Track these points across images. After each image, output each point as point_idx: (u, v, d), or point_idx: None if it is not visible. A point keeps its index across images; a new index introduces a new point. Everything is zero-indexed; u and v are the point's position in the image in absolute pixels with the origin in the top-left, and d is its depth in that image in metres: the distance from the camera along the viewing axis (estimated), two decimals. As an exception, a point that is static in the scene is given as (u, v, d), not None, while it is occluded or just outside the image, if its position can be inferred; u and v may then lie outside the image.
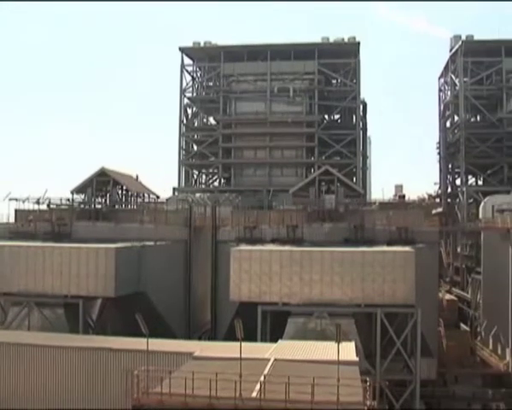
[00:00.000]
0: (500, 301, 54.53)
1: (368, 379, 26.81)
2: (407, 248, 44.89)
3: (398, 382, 43.80)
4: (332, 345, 29.53)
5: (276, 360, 29.18)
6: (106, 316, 47.24)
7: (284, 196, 60.40)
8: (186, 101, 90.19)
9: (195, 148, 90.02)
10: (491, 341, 58.15)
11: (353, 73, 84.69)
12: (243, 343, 27.07)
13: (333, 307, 41.88)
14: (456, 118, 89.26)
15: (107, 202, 58.54)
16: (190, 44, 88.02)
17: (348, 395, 24.36)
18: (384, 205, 59.45)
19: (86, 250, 44.89)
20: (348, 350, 30.59)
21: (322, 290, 42.19)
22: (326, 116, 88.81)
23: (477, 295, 67.02)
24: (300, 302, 42.36)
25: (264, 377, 25.75)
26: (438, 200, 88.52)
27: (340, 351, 26.74)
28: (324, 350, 31.35)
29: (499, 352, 55.25)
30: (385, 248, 46.47)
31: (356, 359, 29.98)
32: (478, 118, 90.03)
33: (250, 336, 33.83)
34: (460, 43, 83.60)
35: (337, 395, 24.25)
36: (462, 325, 67.20)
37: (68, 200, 57.71)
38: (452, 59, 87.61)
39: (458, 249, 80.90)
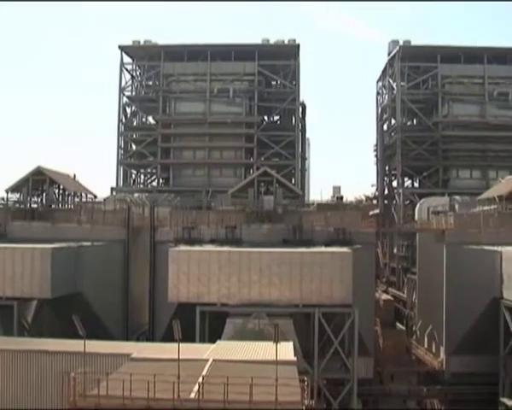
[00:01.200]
0: (434, 301, 55.71)
1: (306, 379, 27.06)
2: (344, 249, 45.44)
3: (335, 381, 44.23)
4: (270, 345, 29.76)
5: (214, 360, 29.14)
6: (42, 318, 46.29)
7: (223, 197, 60.34)
8: (125, 100, 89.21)
9: (134, 147, 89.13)
10: (425, 339, 59.34)
11: (293, 75, 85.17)
12: (181, 344, 26.95)
13: (271, 308, 42.09)
14: (393, 121, 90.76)
15: (44, 201, 57.44)
16: (130, 43, 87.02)
17: (286, 395, 24.52)
18: (322, 206, 60.10)
19: (21, 251, 43.89)
20: (286, 350, 30.78)
21: (261, 291, 42.35)
22: (265, 117, 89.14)
23: (412, 295, 68.31)
24: (239, 303, 42.44)
25: (203, 378, 25.72)
26: (375, 201, 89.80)
27: (278, 351, 26.89)
28: (263, 350, 31.47)
29: (434, 350, 56.41)
30: (323, 248, 46.96)
31: (294, 358, 30.18)
32: (414, 121, 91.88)
33: (188, 337, 33.71)
34: (397, 48, 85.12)
35: (275, 395, 24.39)
36: (398, 325, 68.39)
37: (3, 199, 56.45)
38: (390, 63, 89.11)
39: (394, 250, 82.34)
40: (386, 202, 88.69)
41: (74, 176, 63.59)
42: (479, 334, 47.01)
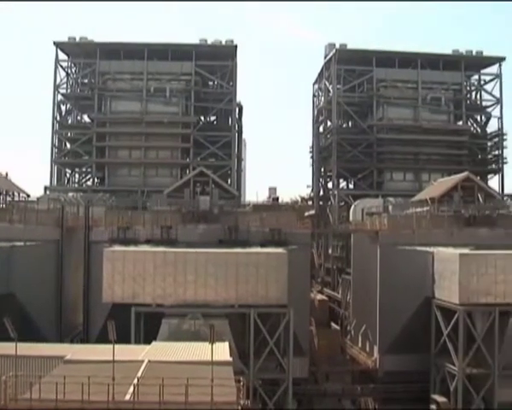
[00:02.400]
0: (368, 301, 56.57)
1: (241, 379, 27.13)
2: (280, 250, 45.78)
3: (271, 381, 44.50)
4: (206, 346, 29.72)
5: (149, 361, 28.91)
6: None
7: (159, 197, 59.90)
8: (60, 97, 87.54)
9: (69, 146, 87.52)
10: (360, 339, 60.17)
11: (230, 75, 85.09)
12: (116, 345, 26.67)
13: (207, 308, 42.11)
14: (328, 123, 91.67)
15: (-26, 200, 55.96)
16: (66, 39, 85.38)
17: (222, 395, 24.54)
18: (258, 207, 60.27)
19: (-50, 251, 42.75)
20: (222, 350, 30.79)
21: (197, 291, 42.34)
22: (202, 117, 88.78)
23: (347, 295, 69.14)
24: (174, 304, 42.34)
25: (138, 380, 25.47)
26: (310, 202, 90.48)
27: (213, 351, 26.88)
28: (198, 351, 31.41)
29: (367, 349, 57.28)
30: (258, 249, 47.17)
31: (229, 359, 30.21)
32: (350, 124, 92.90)
33: (124, 338, 33.39)
34: (334, 51, 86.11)
35: (211, 396, 24.38)
36: (333, 324, 69.16)
37: None
38: (326, 66, 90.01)
39: (329, 251, 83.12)
40: (321, 203, 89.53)
41: (6, 174, 62.05)
42: (411, 333, 48.00)
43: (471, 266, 43.54)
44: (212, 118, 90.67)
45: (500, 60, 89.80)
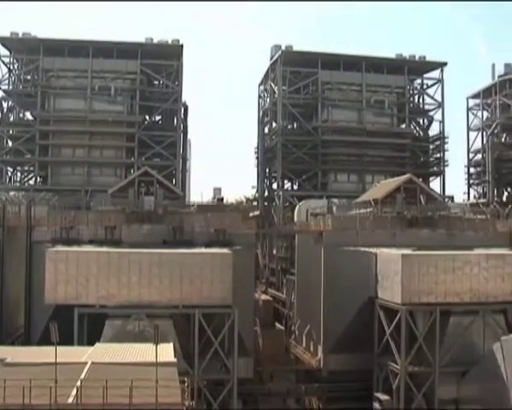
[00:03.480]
0: (312, 301, 57.01)
1: (186, 380, 27.07)
2: (224, 250, 45.77)
3: (216, 381, 44.43)
4: (150, 347, 29.53)
5: (93, 363, 28.56)
6: None
7: (103, 197, 59.25)
8: (1, 94, 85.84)
9: (10, 144, 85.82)
10: (304, 339, 60.56)
11: (176, 75, 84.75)
12: (59, 347, 26.31)
13: (151, 309, 41.82)
14: (274, 124, 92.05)
15: None
16: (8, 34, 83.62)
17: (166, 396, 24.46)
18: (203, 207, 60.09)
19: None
20: (166, 351, 30.64)
21: (141, 292, 42.01)
22: (147, 117, 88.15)
23: (291, 296, 69.51)
24: (118, 304, 41.92)
25: (81, 382, 25.18)
26: (255, 203, 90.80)
27: (158, 352, 26.77)
28: (142, 352, 31.18)
29: (312, 349, 57.70)
30: (203, 249, 47.08)
31: (174, 360, 30.07)
32: (295, 125, 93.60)
33: (67, 340, 32.97)
34: (280, 52, 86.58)
35: (155, 397, 24.27)
36: (278, 325, 69.47)
37: None
38: (272, 67, 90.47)
39: (274, 251, 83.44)
40: (266, 203, 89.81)
41: None
42: (355, 333, 48.54)
43: (413, 266, 44.22)
44: (158, 117, 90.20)
45: (442, 65, 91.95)
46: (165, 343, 31.61)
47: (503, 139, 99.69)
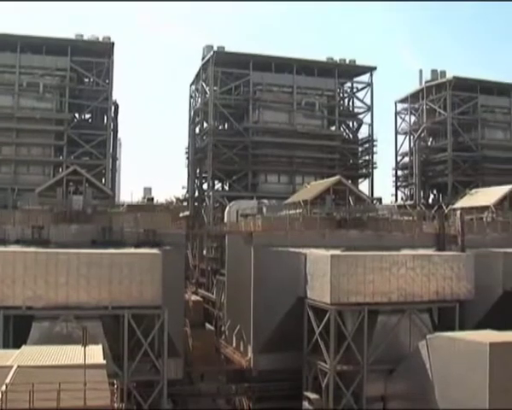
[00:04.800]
0: (242, 302, 57.19)
1: (115, 382, 26.76)
2: (154, 251, 45.46)
3: (145, 382, 44.10)
4: (79, 349, 29.04)
5: (19, 366, 27.85)
6: None
7: (30, 196, 57.97)
8: None
9: None
10: (234, 339, 60.70)
11: (106, 73, 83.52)
12: (-17, 350, 25.64)
13: (79, 310, 41.18)
14: (205, 124, 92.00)
15: None
16: None
17: (95, 399, 24.08)
18: (132, 207, 59.49)
19: None
20: (95, 353, 30.16)
21: (69, 293, 41.26)
22: (77, 115, 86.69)
23: (221, 296, 69.54)
24: (46, 306, 41.07)
25: (6, 386, 24.53)
26: (185, 203, 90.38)
27: (86, 354, 26.37)
28: (71, 354, 30.58)
29: (242, 349, 57.88)
30: (132, 250, 46.67)
31: (103, 362, 29.64)
32: (226, 126, 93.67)
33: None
34: (212, 53, 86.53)
35: (84, 400, 23.89)
36: (208, 325, 69.35)
37: None
38: (204, 67, 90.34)
39: (204, 252, 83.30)
40: (196, 204, 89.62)
41: None
42: (284, 333, 48.90)
43: (341, 266, 44.84)
44: (87, 116, 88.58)
45: (372, 69, 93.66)
46: (93, 345, 31.13)
47: (429, 143, 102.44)
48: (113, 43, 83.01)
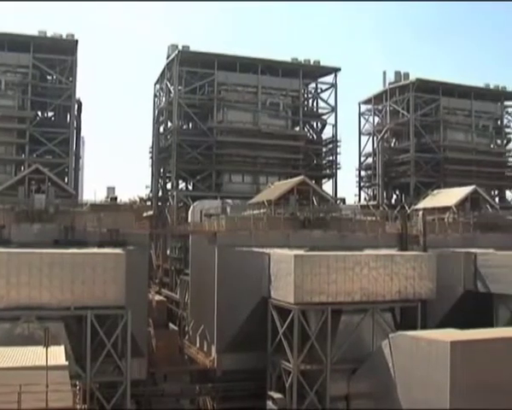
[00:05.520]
0: (206, 302, 57.08)
1: (78, 383, 26.56)
2: (117, 250, 45.15)
3: (109, 383, 43.75)
4: (41, 350, 28.73)
5: (-21, 369, 27.54)
6: None
7: (-9, 195, 57.20)
8: None
9: None
10: (198, 339, 60.58)
11: (70, 71, 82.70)
12: None
13: (42, 311, 40.72)
14: (169, 124, 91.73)
15: None
16: None
17: (58, 401, 23.91)
18: (96, 207, 59.02)
19: None
20: (57, 354, 29.85)
21: (31, 294, 40.67)
22: (39, 113, 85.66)
23: (185, 296, 69.39)
24: (7, 307, 40.47)
25: (-35, 389, 24.21)
26: (149, 203, 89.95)
27: (48, 356, 26.11)
28: (32, 355, 30.19)
29: (205, 349, 57.77)
30: (95, 249, 46.30)
31: (65, 363, 29.37)
32: (190, 125, 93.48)
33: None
34: (176, 52, 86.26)
35: (46, 402, 23.68)
36: (171, 325, 69.17)
37: None
38: (169, 66, 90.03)
39: (168, 252, 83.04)
40: (160, 203, 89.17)
41: None
42: (248, 332, 48.97)
43: (305, 266, 45.01)
44: (50, 114, 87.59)
45: (336, 70, 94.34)
46: (55, 346, 30.82)
47: (392, 144, 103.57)
48: (76, 41, 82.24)
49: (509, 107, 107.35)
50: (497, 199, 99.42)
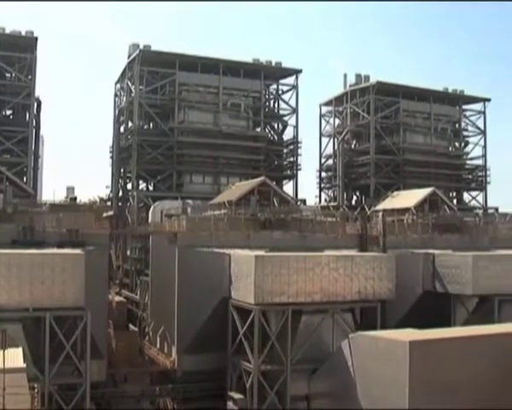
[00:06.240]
0: (167, 302, 56.90)
1: (36, 386, 26.25)
2: (77, 251, 44.70)
3: (68, 386, 43.22)
4: (-2, 352, 28.33)
5: None
6: None
7: None
8: None
9: None
10: (158, 340, 60.36)
11: (29, 68, 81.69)
12: None
13: (-1, 312, 40.15)
14: (130, 124, 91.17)
15: None
16: None
17: (15, 404, 23.59)
18: (55, 207, 58.40)
19: None
20: (15, 357, 29.44)
21: (-12, 295, 40.19)
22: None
23: (145, 297, 69.07)
24: (-37, 308, 39.89)
25: None
26: (109, 203, 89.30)
27: (5, 358, 25.76)
28: (-11, 358, 29.87)
29: (166, 350, 57.59)
30: (54, 250, 45.82)
31: (23, 365, 28.98)
32: (151, 125, 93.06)
33: None
34: (137, 51, 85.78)
35: (3, 405, 23.35)
36: (131, 326, 68.77)
37: None
38: (130, 66, 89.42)
39: (128, 252, 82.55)
40: (120, 204, 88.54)
41: None
42: (209, 333, 48.94)
43: (266, 267, 45.07)
44: (8, 112, 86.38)
45: (297, 72, 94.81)
46: (13, 348, 30.41)
47: (352, 146, 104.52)
48: (36, 38, 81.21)
49: (467, 110, 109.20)
50: (455, 201, 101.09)
